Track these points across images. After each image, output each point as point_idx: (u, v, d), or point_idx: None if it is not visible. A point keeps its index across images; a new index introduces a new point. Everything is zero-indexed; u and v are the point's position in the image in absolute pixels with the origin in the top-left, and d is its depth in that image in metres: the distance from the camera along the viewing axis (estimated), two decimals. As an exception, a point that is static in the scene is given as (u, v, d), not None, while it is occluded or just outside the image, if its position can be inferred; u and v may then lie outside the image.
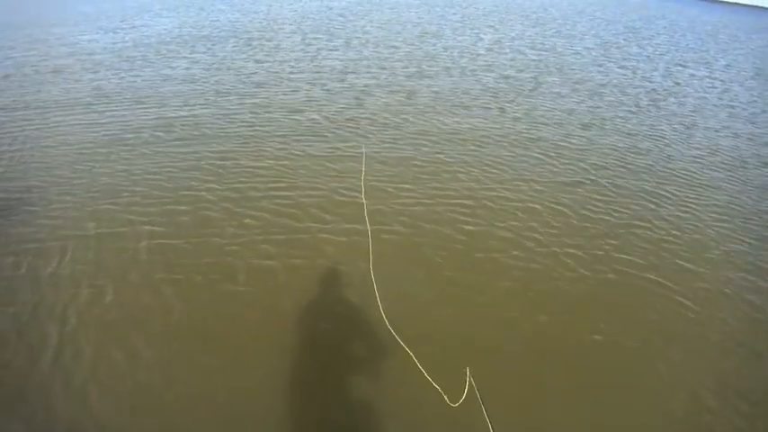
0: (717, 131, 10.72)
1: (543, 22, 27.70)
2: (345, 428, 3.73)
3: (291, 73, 12.45)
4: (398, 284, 5.09)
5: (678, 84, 15.01)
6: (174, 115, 9.13)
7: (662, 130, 10.44)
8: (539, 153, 8.53)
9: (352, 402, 3.88)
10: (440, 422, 3.76)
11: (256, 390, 3.88)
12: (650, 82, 14.80)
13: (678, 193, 7.52)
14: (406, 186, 7.00)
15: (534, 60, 16.24)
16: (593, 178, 7.76)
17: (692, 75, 16.63)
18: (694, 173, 8.35)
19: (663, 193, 7.50)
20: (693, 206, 7.18)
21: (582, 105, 11.60)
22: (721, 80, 16.27)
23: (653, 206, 7.08)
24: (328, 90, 11.24)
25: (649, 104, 12.32)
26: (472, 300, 4.98)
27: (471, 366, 4.14)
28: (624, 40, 23.62)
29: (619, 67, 16.44)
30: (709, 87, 15.02)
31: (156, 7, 22.46)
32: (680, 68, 17.48)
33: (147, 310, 4.54)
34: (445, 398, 3.85)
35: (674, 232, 6.46)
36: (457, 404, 3.80)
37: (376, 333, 4.50)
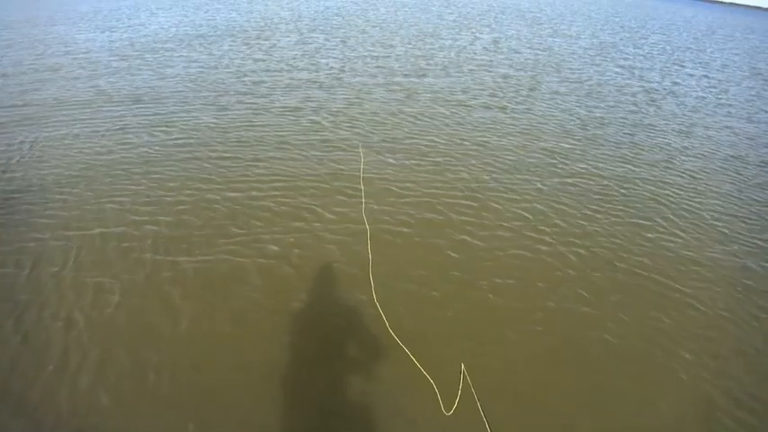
0: (717, 131, 10.76)
1: (539, 21, 27.80)
2: (343, 429, 3.69)
3: (290, 71, 12.41)
4: (397, 282, 5.04)
5: (677, 83, 15.08)
6: (173, 113, 9.07)
7: (663, 128, 10.47)
8: (540, 150, 8.52)
9: (349, 402, 3.82)
10: (437, 423, 3.70)
11: (253, 389, 3.83)
12: (648, 82, 14.86)
13: (681, 192, 7.52)
14: (405, 184, 6.97)
15: (532, 60, 16.26)
16: (598, 175, 7.76)
17: (690, 74, 16.72)
18: (697, 171, 8.37)
19: (667, 191, 7.50)
20: (696, 205, 7.18)
21: (582, 105, 11.61)
22: (719, 80, 16.36)
23: (657, 204, 7.08)
24: (326, 88, 11.21)
25: (649, 104, 12.35)
26: (472, 298, 4.93)
27: (471, 366, 4.10)
28: (621, 39, 23.72)
29: (617, 67, 16.51)
30: (708, 87, 15.09)
31: (152, 6, 22.38)
32: (678, 68, 17.57)
33: (152, 311, 4.49)
34: (441, 404, 3.79)
35: (678, 230, 6.45)
36: (453, 408, 3.74)
37: (373, 332, 4.44)
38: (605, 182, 7.57)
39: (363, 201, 6.41)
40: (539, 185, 7.25)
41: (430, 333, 4.48)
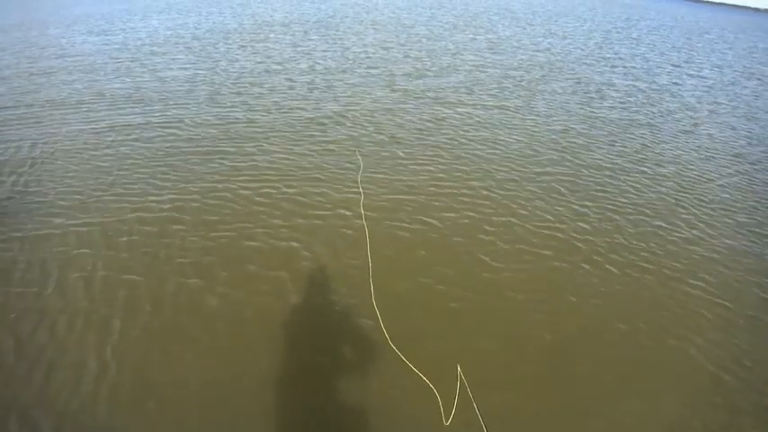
0: (720, 130, 10.83)
1: (532, 23, 27.91)
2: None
3: (287, 72, 12.31)
4: (397, 285, 4.94)
5: (675, 83, 15.18)
6: (174, 114, 8.98)
7: (665, 128, 10.51)
8: (543, 149, 8.52)
9: (346, 407, 3.73)
10: (436, 424, 3.63)
11: (251, 391, 3.78)
12: (645, 82, 14.93)
13: (690, 189, 7.57)
14: (404, 186, 6.89)
15: (528, 61, 16.30)
16: (604, 172, 7.78)
17: (688, 74, 16.84)
18: (703, 169, 8.42)
19: (676, 189, 7.54)
20: (706, 203, 7.21)
21: (582, 105, 11.65)
22: (715, 79, 16.49)
23: (667, 201, 7.11)
24: (324, 89, 11.15)
25: (651, 104, 12.41)
26: (476, 299, 4.85)
27: (473, 370, 4.02)
28: (616, 40, 23.87)
29: (613, 67, 16.58)
30: (705, 86, 15.20)
31: (145, 10, 22.25)
32: (672, 68, 17.69)
33: (164, 315, 4.41)
34: (441, 410, 3.70)
35: (687, 226, 6.47)
36: (450, 418, 3.65)
37: (372, 338, 4.32)
38: (611, 180, 7.59)
39: (362, 202, 6.33)
40: (542, 184, 7.24)
41: (430, 338, 4.39)
